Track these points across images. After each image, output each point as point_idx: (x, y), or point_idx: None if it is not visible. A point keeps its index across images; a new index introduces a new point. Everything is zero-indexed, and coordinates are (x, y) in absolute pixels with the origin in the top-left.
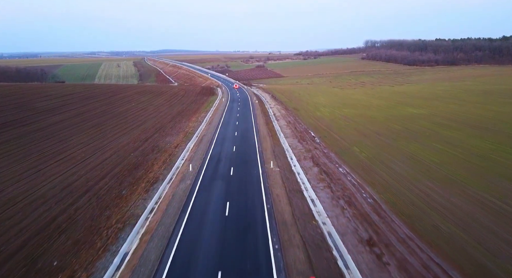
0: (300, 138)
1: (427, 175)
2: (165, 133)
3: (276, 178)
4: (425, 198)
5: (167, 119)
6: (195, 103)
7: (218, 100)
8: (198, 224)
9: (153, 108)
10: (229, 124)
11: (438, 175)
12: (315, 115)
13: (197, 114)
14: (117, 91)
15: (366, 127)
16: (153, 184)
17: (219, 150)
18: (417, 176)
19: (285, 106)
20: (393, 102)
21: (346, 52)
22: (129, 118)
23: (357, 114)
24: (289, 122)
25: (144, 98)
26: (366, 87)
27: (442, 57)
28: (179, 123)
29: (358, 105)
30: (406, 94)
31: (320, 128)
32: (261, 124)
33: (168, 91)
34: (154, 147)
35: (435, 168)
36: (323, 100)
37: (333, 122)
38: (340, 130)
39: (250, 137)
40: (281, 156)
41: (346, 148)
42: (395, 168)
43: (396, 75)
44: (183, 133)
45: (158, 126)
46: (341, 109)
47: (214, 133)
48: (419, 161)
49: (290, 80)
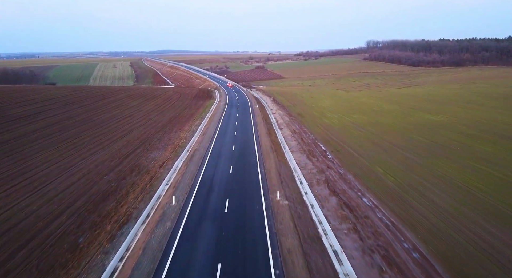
0: (309, 153)
1: (475, 207)
2: (151, 146)
3: (284, 217)
4: (483, 245)
5: (156, 128)
6: (190, 108)
7: (215, 104)
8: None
9: (142, 115)
10: (226, 135)
11: (489, 208)
12: (323, 123)
13: (191, 121)
14: (106, 94)
15: (383, 139)
16: (122, 226)
17: (212, 172)
18: (463, 210)
19: (288, 112)
20: (406, 107)
21: (348, 53)
22: (113, 127)
23: (369, 121)
24: (294, 131)
25: (134, 103)
26: (371, 90)
27: (448, 57)
28: (169, 133)
29: (368, 110)
30: (417, 97)
31: (331, 140)
32: (262, 134)
33: (162, 95)
34: (134, 166)
35: (482, 197)
36: (328, 104)
37: (344, 132)
38: (354, 142)
39: (250, 152)
40: (289, 179)
41: (366, 168)
42: (434, 199)
43: (401, 77)
44: (172, 146)
45: (145, 137)
46: (350, 115)
47: (208, 147)
48: (459, 187)
49: (291, 82)
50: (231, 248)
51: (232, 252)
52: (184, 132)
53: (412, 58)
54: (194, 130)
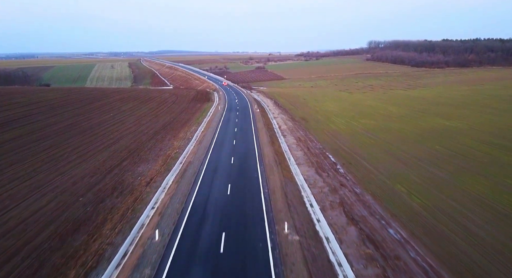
0: (318, 166)
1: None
2: (140, 157)
3: (296, 261)
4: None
5: (148, 135)
6: (186, 112)
7: (213, 108)
8: None
9: (134, 120)
10: (224, 144)
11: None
12: (329, 129)
13: (187, 127)
14: (98, 97)
15: (398, 148)
16: (89, 272)
17: (206, 192)
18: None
19: (291, 116)
20: (415, 111)
21: (349, 53)
22: (100, 135)
23: (379, 126)
24: (299, 139)
25: (127, 107)
26: (376, 91)
27: (453, 58)
28: (161, 141)
29: (375, 114)
30: (425, 100)
31: (340, 149)
32: (264, 143)
33: (157, 97)
34: (117, 183)
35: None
36: (333, 107)
37: (354, 139)
38: (367, 153)
39: (251, 166)
40: (297, 201)
41: (386, 186)
42: (475, 230)
43: (405, 78)
44: (163, 157)
45: (134, 146)
46: (358, 120)
47: (203, 159)
48: (501, 214)
49: (292, 83)
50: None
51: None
52: (178, 140)
53: (416, 58)
54: (189, 138)
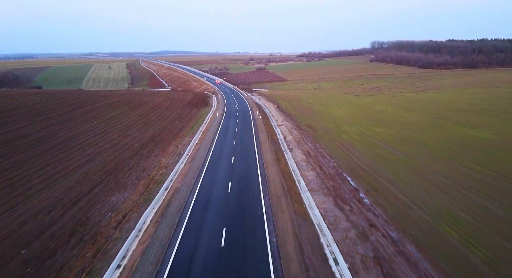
0: (336, 195)
1: None
2: (116, 182)
3: None
4: None
5: (132, 150)
6: (181, 119)
7: (211, 113)
8: None
9: (120, 130)
10: (220, 162)
11: None
12: (341, 140)
13: (179, 139)
14: (85, 101)
15: (427, 167)
16: None
17: (193, 243)
18: None
19: (297, 123)
20: (432, 117)
21: (352, 54)
22: (75, 149)
23: (397, 137)
24: (308, 153)
25: (115, 113)
26: (384, 94)
27: (460, 59)
28: (147, 158)
29: (389, 122)
30: (440, 104)
31: (359, 168)
32: (268, 161)
33: (150, 102)
34: (79, 224)
35: None
36: (341, 113)
37: (372, 154)
38: (392, 173)
39: (254, 198)
40: (316, 257)
41: (429, 227)
42: None
43: (412, 79)
44: (145, 182)
45: (112, 165)
46: (372, 128)
47: (194, 185)
48: None
49: (294, 85)
50: None
51: None
52: (167, 157)
53: (422, 59)
54: (180, 153)
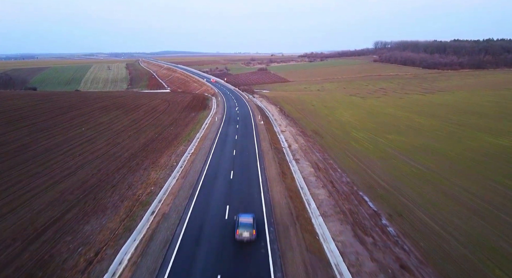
0: (354, 222)
1: None
2: (95, 203)
3: None
4: None
5: (119, 161)
6: (177, 124)
7: (209, 118)
8: None
9: (109, 137)
10: (218, 178)
11: None
12: (352, 149)
13: (173, 147)
14: (76, 104)
15: (455, 184)
16: None
17: None
18: None
19: (301, 128)
20: (448, 122)
21: (355, 54)
22: (55, 162)
23: (413, 145)
24: (317, 166)
25: (106, 118)
26: (391, 96)
27: (467, 59)
28: (135, 171)
29: (402, 127)
30: (452, 107)
31: (377, 185)
32: (272, 176)
33: (145, 105)
34: (39, 265)
35: None
36: (348, 117)
37: (389, 167)
38: (417, 192)
39: (257, 230)
40: None
41: (473, 266)
42: None
43: (418, 80)
44: (129, 203)
45: (94, 181)
46: (384, 135)
47: (185, 210)
48: None
49: (297, 86)
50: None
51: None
52: (157, 170)
53: (427, 59)
54: (173, 165)
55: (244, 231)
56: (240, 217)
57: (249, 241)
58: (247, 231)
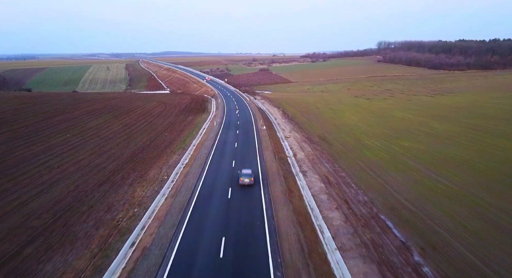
0: (380, 259)
1: None
2: (64, 233)
3: None
4: None
5: (102, 174)
6: (172, 129)
7: (208, 122)
8: None
9: (95, 145)
10: (213, 199)
11: None
12: (365, 159)
13: (165, 157)
14: (65, 108)
15: (491, 205)
16: None
17: None
18: None
19: (307, 134)
20: (465, 127)
21: (358, 54)
22: (29, 175)
23: (433, 155)
24: (327, 179)
25: (96, 122)
26: (398, 97)
27: (474, 60)
28: (118, 188)
29: (416, 133)
30: (464, 110)
31: (401, 206)
32: (278, 196)
33: (140, 107)
34: None
35: None
36: (356, 120)
37: (411, 182)
38: (448, 215)
39: (259, 274)
40: None
41: None
42: None
43: (425, 81)
44: (105, 232)
45: (68, 201)
46: (398, 142)
47: (171, 241)
48: None
49: (299, 87)
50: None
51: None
52: (145, 186)
53: (433, 60)
54: (163, 180)
55: (245, 179)
56: (242, 170)
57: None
58: (247, 178)
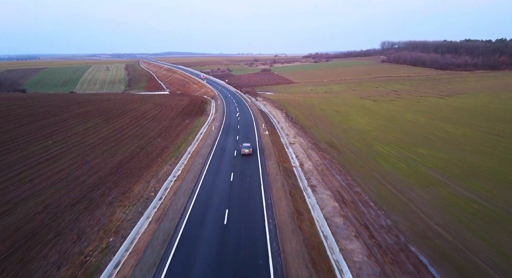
0: None
1: None
2: (15, 275)
3: None
4: None
5: (78, 190)
6: (166, 135)
7: (205, 126)
8: None
9: (78, 153)
10: (205, 225)
11: None
12: (381, 169)
13: (154, 168)
14: (52, 111)
15: None
16: None
17: None
18: None
19: (313, 140)
20: (484, 131)
21: (361, 55)
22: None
23: (456, 165)
24: (342, 198)
25: (84, 126)
26: (406, 99)
27: (481, 60)
28: (94, 209)
29: (431, 138)
30: (479, 113)
31: (433, 232)
32: (284, 221)
33: (134, 110)
34: None
35: None
36: (365, 124)
37: (440, 200)
38: (495, 248)
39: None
40: None
41: None
42: None
43: (432, 82)
44: (67, 272)
45: (32, 227)
46: (415, 149)
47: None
48: None
49: (302, 88)
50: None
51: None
52: (126, 206)
53: (439, 60)
54: (149, 197)
55: (245, 149)
56: (243, 143)
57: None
58: (247, 149)
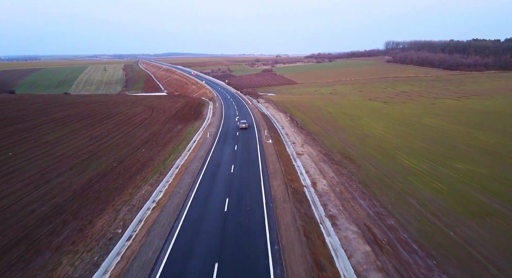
0: None
1: None
2: None
3: None
4: None
5: (18, 228)
6: (153, 143)
7: (200, 133)
8: None
9: (39, 169)
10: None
11: None
12: (415, 191)
13: (129, 190)
14: (27, 115)
15: None
16: None
17: None
18: None
19: (325, 149)
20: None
21: (365, 55)
22: None
23: (503, 184)
24: (374, 237)
25: (56, 135)
26: (418, 101)
27: (492, 60)
28: (29, 261)
29: (462, 147)
30: (505, 117)
31: None
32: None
33: (121, 113)
34: None
35: None
36: (380, 129)
37: (505, 239)
38: None
39: None
40: None
41: None
42: None
43: (443, 83)
44: None
45: None
46: (447, 162)
47: None
48: None
49: (305, 88)
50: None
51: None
52: (78, 252)
53: (448, 60)
54: (112, 238)
55: (242, 124)
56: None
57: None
58: (244, 124)
